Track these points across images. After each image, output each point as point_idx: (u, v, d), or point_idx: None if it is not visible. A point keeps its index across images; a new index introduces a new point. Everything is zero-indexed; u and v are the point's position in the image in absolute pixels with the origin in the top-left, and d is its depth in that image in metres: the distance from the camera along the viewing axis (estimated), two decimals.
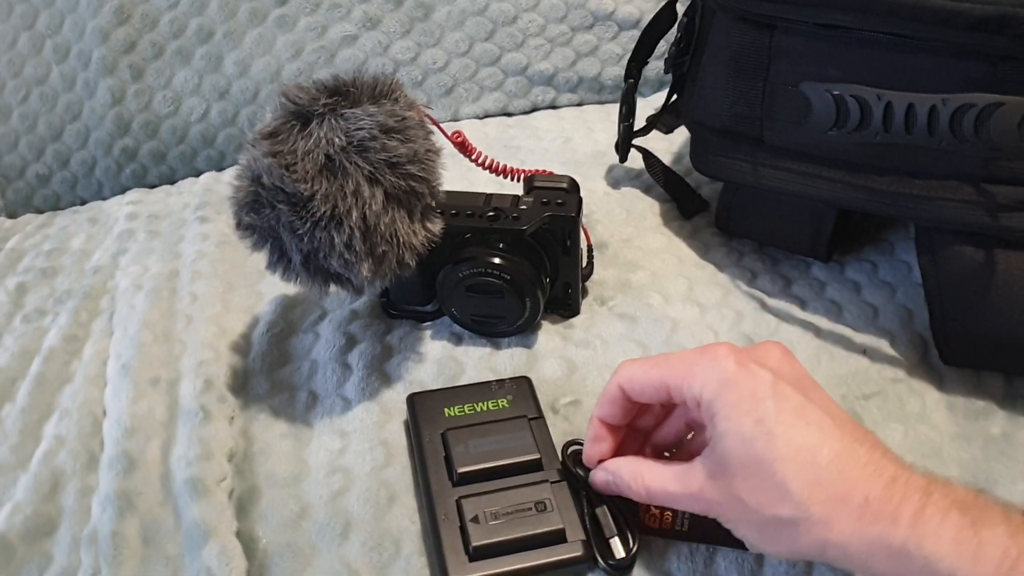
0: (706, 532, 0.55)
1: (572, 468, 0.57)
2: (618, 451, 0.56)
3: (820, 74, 0.65)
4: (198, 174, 0.98)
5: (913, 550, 0.43)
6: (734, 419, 0.47)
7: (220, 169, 0.99)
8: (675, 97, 0.85)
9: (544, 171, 0.73)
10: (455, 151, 0.71)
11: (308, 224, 0.56)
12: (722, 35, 0.72)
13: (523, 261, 0.66)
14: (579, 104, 1.07)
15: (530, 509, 0.54)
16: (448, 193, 0.66)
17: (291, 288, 0.69)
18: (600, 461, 0.55)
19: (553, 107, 1.06)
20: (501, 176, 0.74)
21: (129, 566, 0.54)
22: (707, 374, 0.49)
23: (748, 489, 0.47)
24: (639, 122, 0.88)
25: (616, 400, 0.54)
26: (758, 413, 0.47)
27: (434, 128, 0.63)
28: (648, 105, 0.89)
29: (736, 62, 0.70)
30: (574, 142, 0.97)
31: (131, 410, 0.63)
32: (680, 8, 0.82)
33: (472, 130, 1.00)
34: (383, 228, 0.57)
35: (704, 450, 0.49)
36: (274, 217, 0.57)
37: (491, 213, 0.66)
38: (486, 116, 1.05)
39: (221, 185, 0.93)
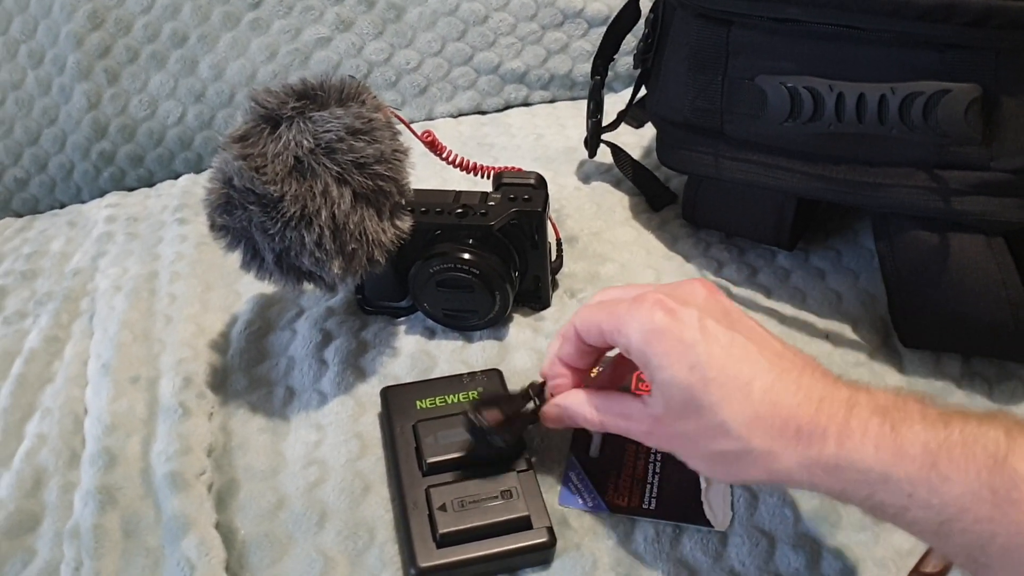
0: (672, 510, 0.58)
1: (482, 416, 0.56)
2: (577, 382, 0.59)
3: (775, 67, 0.67)
4: (176, 176, 1.00)
5: (844, 464, 0.45)
6: (667, 368, 0.50)
7: (198, 171, 1.00)
8: (643, 92, 0.87)
9: (513, 168, 0.75)
10: (427, 150, 0.72)
11: (279, 224, 0.58)
12: (682, 31, 0.74)
13: (492, 256, 0.67)
14: (551, 101, 1.08)
15: (496, 497, 0.55)
16: (418, 191, 0.68)
17: (268, 287, 0.70)
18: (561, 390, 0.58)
19: (526, 104, 1.08)
20: (471, 173, 0.76)
21: (111, 558, 0.56)
22: (634, 323, 0.51)
23: (692, 429, 0.50)
24: (609, 117, 0.90)
25: (569, 338, 0.56)
26: (690, 359, 0.49)
27: (402, 128, 0.65)
28: (620, 100, 0.91)
29: (695, 57, 0.72)
30: (546, 138, 0.99)
31: (112, 408, 0.64)
32: (645, 6, 0.84)
33: (446, 128, 1.03)
34: (352, 227, 0.59)
35: (651, 390, 0.52)
36: (246, 218, 0.58)
37: (460, 210, 0.68)
38: (460, 115, 1.06)
39: (199, 187, 0.94)
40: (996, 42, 0.59)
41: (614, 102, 0.92)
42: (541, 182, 0.72)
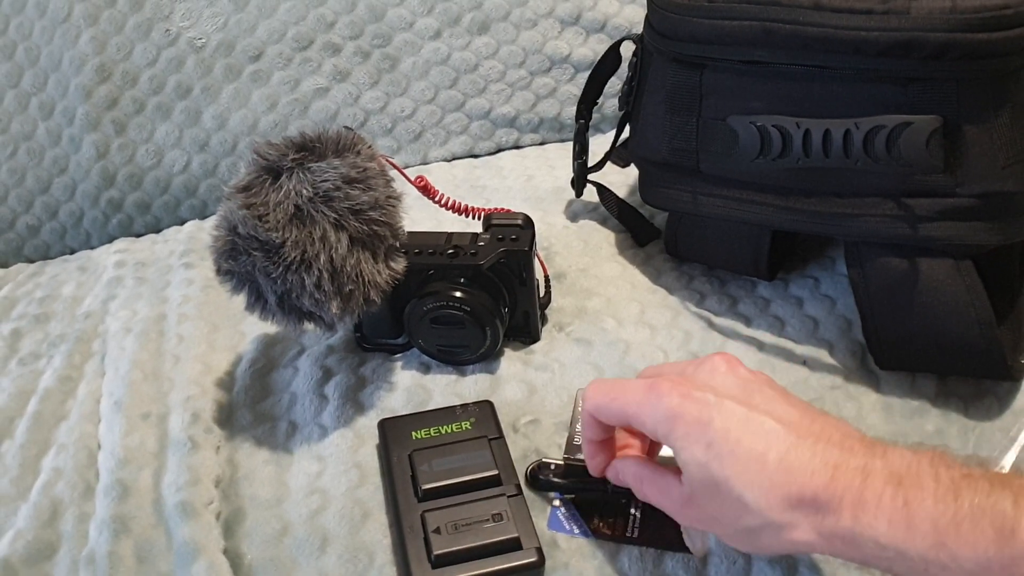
0: (654, 538, 0.61)
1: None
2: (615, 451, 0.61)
3: (745, 107, 0.70)
4: (182, 223, 1.02)
5: (860, 538, 0.46)
6: (687, 449, 0.51)
7: (203, 217, 1.03)
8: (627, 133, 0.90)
9: (502, 209, 0.78)
10: (421, 194, 0.76)
11: (280, 268, 0.61)
12: (659, 75, 0.77)
13: (482, 293, 0.71)
14: (542, 143, 1.11)
15: (488, 520, 0.58)
16: (411, 233, 0.72)
17: (271, 327, 0.73)
18: (605, 468, 0.61)
19: (517, 147, 1.11)
20: (462, 215, 0.79)
21: None
22: (654, 413, 0.52)
23: (716, 508, 0.51)
24: (597, 157, 0.93)
25: (590, 423, 0.58)
26: (706, 438, 0.50)
27: (396, 175, 0.69)
28: (607, 141, 0.94)
29: (671, 100, 0.75)
30: (536, 180, 1.02)
31: (124, 442, 0.67)
32: (627, 51, 0.87)
33: (440, 172, 1.06)
34: (349, 269, 0.63)
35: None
36: (250, 263, 0.62)
37: (451, 251, 0.72)
38: (454, 158, 1.09)
39: (204, 233, 0.96)
40: (956, 73, 0.62)
41: (602, 143, 0.95)
42: (528, 222, 0.75)
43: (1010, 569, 0.42)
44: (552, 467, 0.65)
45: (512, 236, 0.73)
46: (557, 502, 0.63)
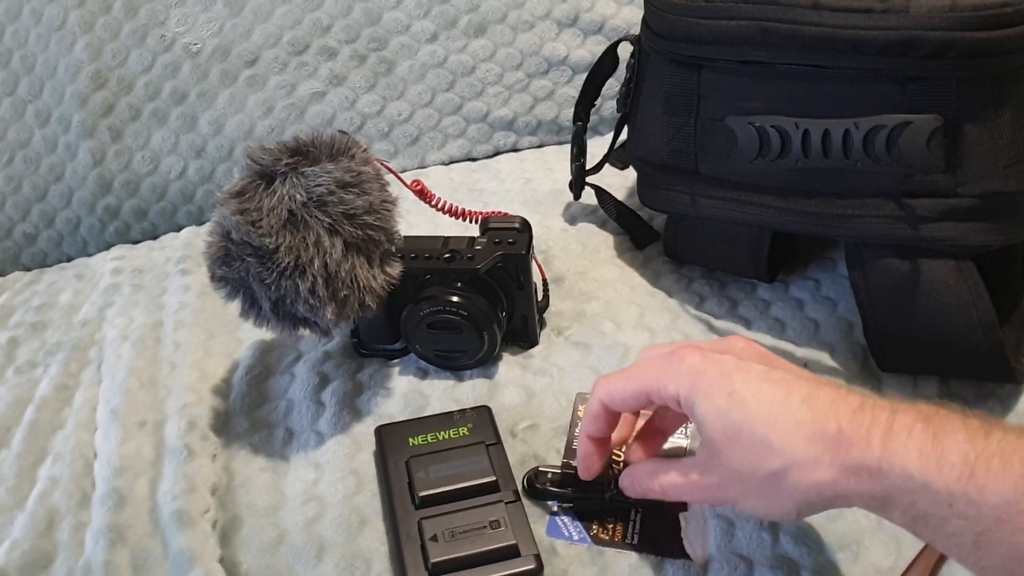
0: (653, 545, 0.60)
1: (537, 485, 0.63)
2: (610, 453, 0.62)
3: (743, 107, 0.70)
4: (179, 229, 1.02)
5: (887, 468, 0.46)
6: (708, 400, 0.51)
7: (200, 224, 1.02)
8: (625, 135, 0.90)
9: (499, 212, 0.78)
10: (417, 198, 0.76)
11: (274, 274, 0.61)
12: (656, 76, 0.77)
13: (479, 298, 0.71)
14: (540, 146, 1.11)
15: (485, 527, 0.58)
16: (408, 238, 0.71)
17: (268, 333, 0.73)
18: (598, 470, 0.61)
19: (515, 150, 1.11)
20: (459, 219, 0.79)
21: None
22: (677, 375, 0.53)
23: (738, 457, 0.51)
24: (596, 159, 0.93)
25: (599, 415, 0.58)
26: (728, 387, 0.51)
27: (391, 179, 0.69)
28: (605, 143, 0.94)
29: (669, 101, 0.75)
30: (534, 182, 1.02)
31: (120, 451, 0.67)
32: (624, 53, 0.87)
33: (438, 176, 1.06)
34: (344, 274, 0.62)
35: (698, 447, 0.54)
36: (244, 269, 0.62)
37: (448, 255, 0.71)
38: (451, 162, 1.09)
39: (201, 239, 0.93)
40: (956, 72, 0.61)
41: (601, 145, 0.95)
42: (525, 226, 0.75)
43: None
44: (549, 475, 0.64)
45: (509, 240, 0.72)
46: (556, 508, 0.63)
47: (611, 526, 0.62)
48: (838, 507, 0.50)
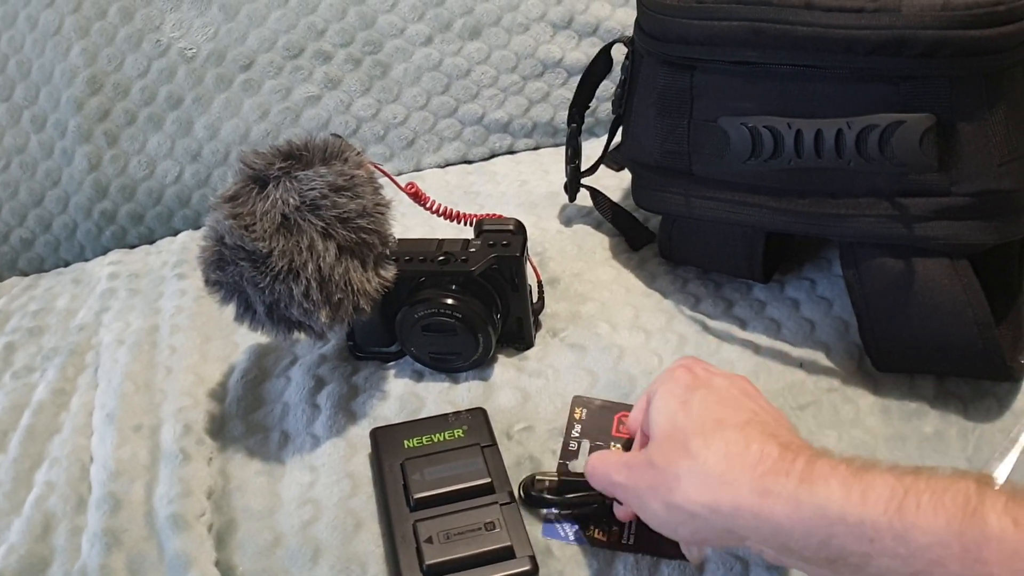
0: (649, 546, 0.60)
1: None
2: None
3: (735, 108, 0.70)
4: (175, 233, 1.03)
5: (804, 498, 0.45)
6: (663, 400, 0.55)
7: (196, 228, 1.02)
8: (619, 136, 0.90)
9: (494, 215, 0.78)
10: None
11: (268, 278, 0.61)
12: (650, 78, 0.77)
13: (474, 300, 0.71)
14: (535, 148, 1.11)
15: (480, 529, 0.58)
16: (402, 240, 0.71)
17: (264, 337, 0.73)
18: None
19: (511, 152, 1.11)
20: (454, 221, 0.79)
21: None
22: (661, 376, 0.58)
23: (660, 452, 0.53)
24: (592, 161, 0.93)
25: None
26: (685, 397, 0.54)
27: (385, 182, 0.69)
28: (601, 145, 0.93)
29: (663, 102, 0.75)
30: (530, 184, 1.02)
31: (116, 455, 0.67)
32: (619, 55, 0.87)
33: (434, 179, 1.05)
34: (337, 278, 0.62)
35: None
36: (237, 273, 0.62)
37: (442, 257, 0.71)
38: (447, 165, 1.09)
39: (197, 243, 0.96)
40: (949, 70, 0.62)
41: (596, 147, 0.95)
42: (520, 228, 0.75)
43: (974, 552, 0.40)
44: (546, 483, 0.64)
45: (503, 242, 0.72)
46: (554, 510, 0.63)
47: (607, 527, 0.62)
48: (729, 544, 0.52)
